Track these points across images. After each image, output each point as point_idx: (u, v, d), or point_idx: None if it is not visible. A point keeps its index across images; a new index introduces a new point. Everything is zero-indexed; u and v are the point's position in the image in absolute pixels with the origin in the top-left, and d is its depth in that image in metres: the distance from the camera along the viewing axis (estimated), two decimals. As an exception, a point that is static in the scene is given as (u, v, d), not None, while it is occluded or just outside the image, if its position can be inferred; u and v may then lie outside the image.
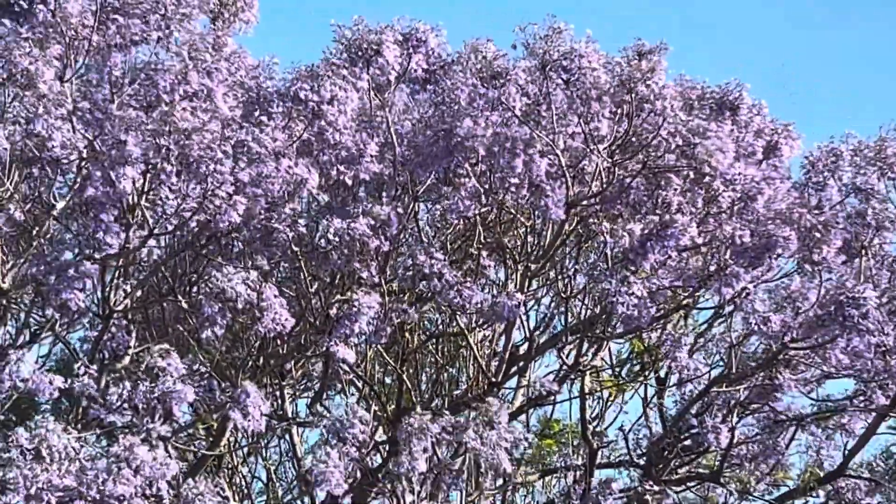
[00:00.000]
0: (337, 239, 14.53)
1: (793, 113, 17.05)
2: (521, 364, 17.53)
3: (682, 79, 16.79)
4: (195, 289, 15.54)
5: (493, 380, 16.97)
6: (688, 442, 17.86)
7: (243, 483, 19.88)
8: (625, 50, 15.71)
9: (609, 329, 17.39)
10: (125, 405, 13.56)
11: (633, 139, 16.00)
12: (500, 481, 18.45)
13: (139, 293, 15.53)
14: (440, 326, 18.80)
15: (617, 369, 20.39)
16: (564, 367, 17.92)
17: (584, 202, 16.09)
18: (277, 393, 17.17)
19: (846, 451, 18.02)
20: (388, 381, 19.40)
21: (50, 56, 13.55)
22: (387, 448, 16.36)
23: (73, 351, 16.85)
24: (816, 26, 42.70)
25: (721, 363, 17.58)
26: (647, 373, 19.46)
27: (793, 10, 43.40)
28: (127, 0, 14.35)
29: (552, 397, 18.59)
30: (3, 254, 14.24)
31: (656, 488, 16.71)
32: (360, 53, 15.54)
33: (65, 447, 12.43)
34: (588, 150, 15.88)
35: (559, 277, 17.85)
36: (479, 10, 40.41)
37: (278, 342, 16.02)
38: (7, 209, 14.37)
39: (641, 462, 18.26)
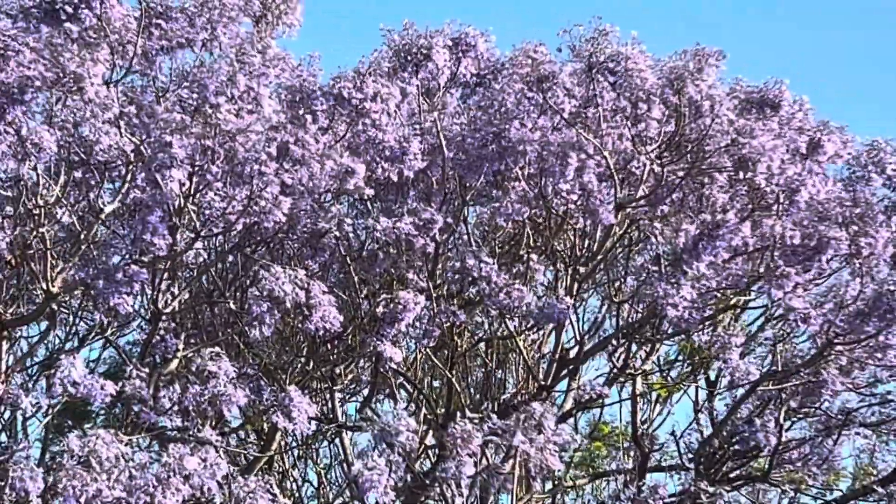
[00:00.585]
0: (384, 238, 14.16)
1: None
2: (571, 367, 17.06)
3: (736, 80, 16.31)
4: (245, 292, 15.23)
5: (543, 383, 16.53)
6: (738, 446, 17.37)
7: (294, 487, 19.56)
8: (684, 53, 15.23)
9: (658, 331, 16.91)
10: (175, 408, 13.27)
11: (683, 140, 15.53)
12: (549, 484, 17.99)
13: (187, 296, 15.16)
14: (489, 329, 18.34)
15: (666, 370, 19.94)
16: (614, 370, 17.43)
17: (633, 204, 15.65)
18: (327, 396, 16.79)
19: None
20: (436, 384, 19.00)
21: (97, 60, 13.18)
22: (436, 452, 15.94)
23: (124, 354, 16.53)
24: (823, 27, 42.57)
25: (770, 363, 17.11)
26: (696, 375, 18.99)
27: (800, 11, 43.04)
28: (170, 5, 14.00)
29: (601, 400, 18.13)
30: (53, 258, 13.92)
31: (711, 489, 16.17)
32: (409, 58, 15.17)
33: (115, 456, 12.12)
34: (636, 151, 15.45)
35: (609, 280, 17.41)
36: (525, 14, 40.16)
37: (328, 346, 15.67)
38: (55, 213, 14.05)
39: (691, 465, 17.78)
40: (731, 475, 17.81)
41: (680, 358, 19.84)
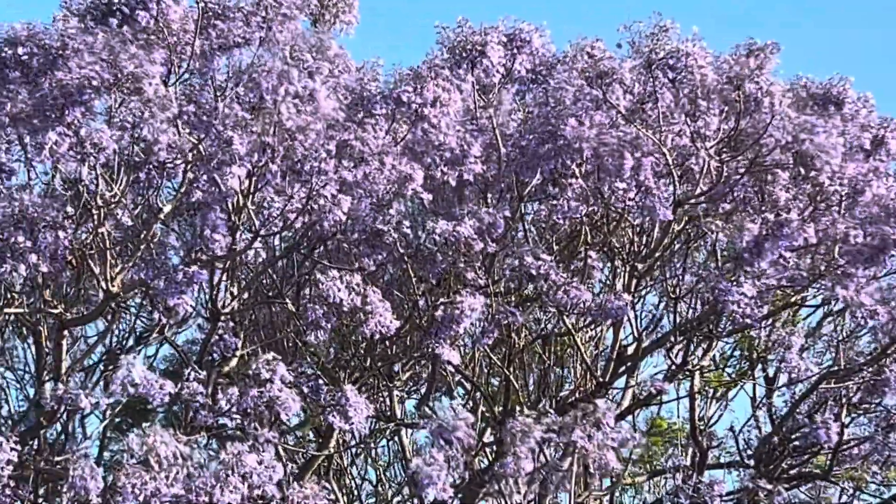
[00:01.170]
0: (443, 241, 13.92)
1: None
2: (629, 364, 16.79)
3: (796, 76, 15.99)
4: (303, 292, 15.04)
5: (601, 380, 16.27)
6: (797, 443, 17.09)
7: (353, 485, 19.38)
8: (736, 48, 14.92)
9: (717, 328, 16.61)
10: (234, 409, 13.13)
11: (742, 137, 15.20)
12: (607, 482, 17.74)
13: (246, 296, 15.00)
14: (546, 327, 18.08)
15: (723, 365, 19.66)
16: (672, 366, 17.14)
17: (692, 201, 15.34)
18: (385, 394, 16.58)
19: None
20: (494, 382, 18.75)
21: (154, 60, 13.03)
22: (494, 449, 15.72)
23: (182, 353, 16.41)
24: (846, 25, 42.12)
25: (830, 361, 16.80)
26: (754, 371, 18.69)
27: (825, 9, 42.54)
28: (228, 4, 13.82)
29: (660, 397, 17.88)
30: (113, 258, 13.79)
31: (769, 486, 15.87)
32: (464, 55, 14.92)
33: (173, 454, 12.00)
34: (695, 148, 15.15)
35: (667, 277, 17.11)
36: (582, 10, 39.83)
37: (385, 344, 15.47)
38: (116, 214, 13.91)
39: (751, 462, 17.50)
40: (791, 472, 17.53)
41: (736, 354, 19.57)
